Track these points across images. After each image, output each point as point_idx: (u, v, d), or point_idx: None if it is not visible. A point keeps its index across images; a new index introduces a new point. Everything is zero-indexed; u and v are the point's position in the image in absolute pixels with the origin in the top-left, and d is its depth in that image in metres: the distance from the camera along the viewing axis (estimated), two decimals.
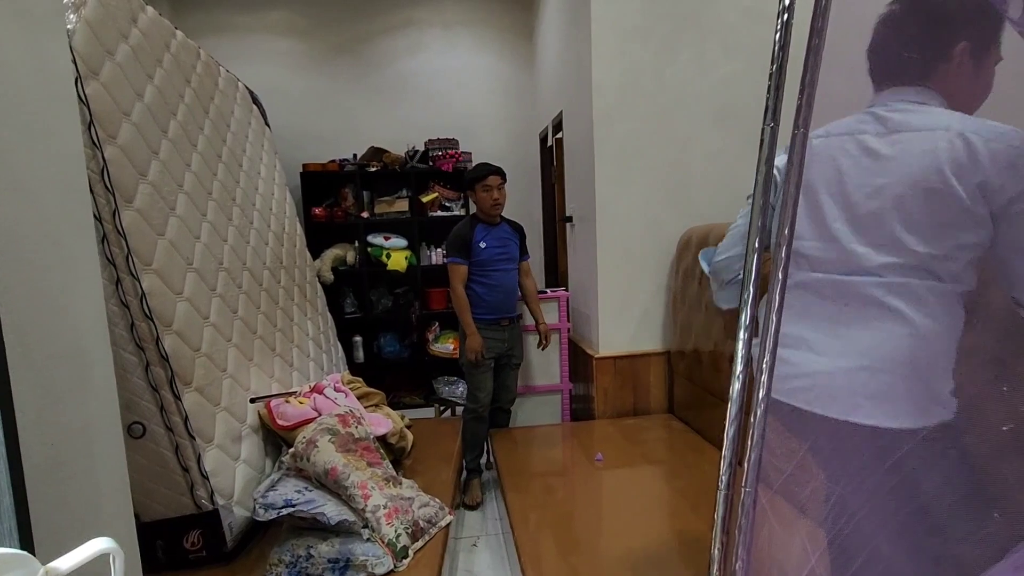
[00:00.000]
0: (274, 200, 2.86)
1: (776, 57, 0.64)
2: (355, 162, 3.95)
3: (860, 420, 0.82)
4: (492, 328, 2.63)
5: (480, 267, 2.60)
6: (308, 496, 1.65)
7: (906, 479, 0.76)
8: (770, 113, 0.65)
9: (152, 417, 1.58)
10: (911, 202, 0.84)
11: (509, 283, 2.68)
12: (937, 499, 0.72)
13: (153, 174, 1.74)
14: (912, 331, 0.82)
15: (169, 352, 1.60)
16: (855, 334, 0.87)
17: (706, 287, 2.41)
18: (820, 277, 0.93)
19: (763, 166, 0.65)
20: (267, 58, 3.96)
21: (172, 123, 1.96)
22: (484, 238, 2.60)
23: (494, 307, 2.63)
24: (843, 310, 0.89)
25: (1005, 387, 0.75)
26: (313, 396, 2.07)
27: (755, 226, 0.64)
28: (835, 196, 0.91)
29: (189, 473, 1.61)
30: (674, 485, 2.17)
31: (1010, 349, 0.78)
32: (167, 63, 2.02)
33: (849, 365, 0.86)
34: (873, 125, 0.91)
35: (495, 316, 2.64)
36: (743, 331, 0.64)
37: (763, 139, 0.66)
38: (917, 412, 0.80)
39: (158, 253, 1.67)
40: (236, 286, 2.14)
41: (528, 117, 4.27)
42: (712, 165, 2.74)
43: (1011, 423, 0.68)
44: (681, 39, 2.69)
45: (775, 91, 0.65)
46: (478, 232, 2.60)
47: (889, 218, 0.85)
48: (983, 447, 0.74)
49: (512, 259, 2.70)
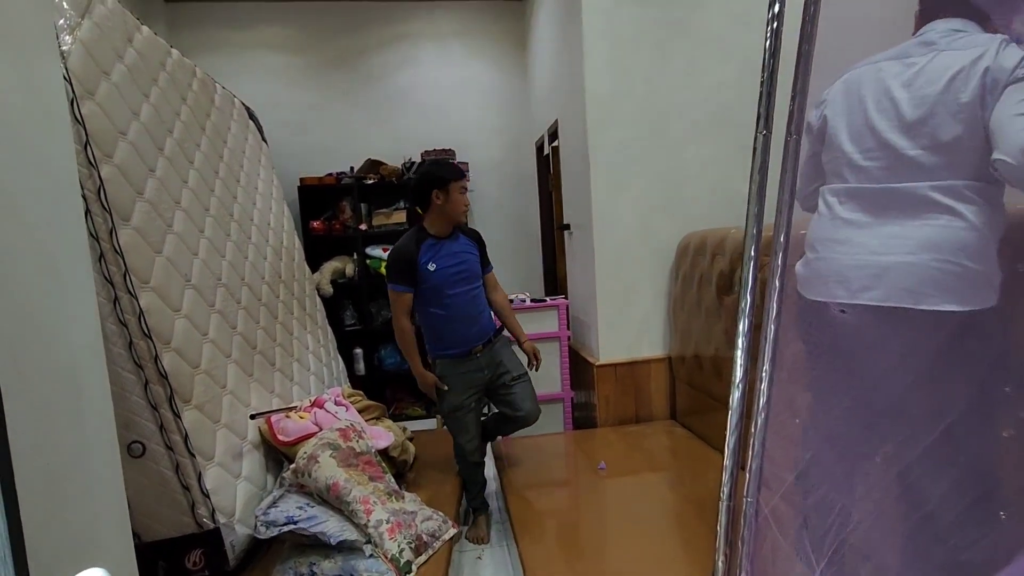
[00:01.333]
0: (272, 215, 2.86)
1: (767, 64, 0.64)
2: (352, 175, 3.96)
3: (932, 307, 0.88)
4: (463, 362, 2.15)
5: (434, 293, 2.08)
6: (310, 512, 1.64)
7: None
8: (762, 121, 0.65)
9: (152, 436, 1.58)
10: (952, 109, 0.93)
11: (474, 307, 2.17)
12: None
13: (150, 192, 1.74)
14: (966, 224, 0.91)
15: (168, 370, 1.59)
16: (913, 232, 0.94)
17: (706, 291, 2.41)
18: (874, 188, 1.00)
19: (756, 175, 0.65)
20: (263, 74, 3.98)
21: (168, 141, 1.96)
22: (433, 258, 2.06)
23: (460, 339, 2.14)
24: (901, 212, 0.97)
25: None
26: (314, 411, 2.06)
27: (750, 234, 0.64)
28: (885, 112, 0.99)
29: (190, 492, 1.60)
30: (679, 492, 2.15)
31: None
32: (163, 81, 2.04)
33: (914, 259, 0.93)
34: (919, 48, 1.01)
35: (463, 349, 2.14)
36: (741, 338, 0.63)
37: (756, 147, 0.66)
38: (978, 297, 0.89)
39: (156, 271, 1.67)
40: (235, 301, 2.14)
41: (523, 126, 4.29)
42: (706, 171, 2.75)
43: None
44: (672, 47, 2.70)
45: (767, 98, 0.66)
46: (425, 251, 2.06)
47: (935, 124, 0.94)
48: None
49: (474, 276, 2.18)
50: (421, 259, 2.05)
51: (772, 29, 0.65)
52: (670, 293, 2.82)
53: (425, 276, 2.05)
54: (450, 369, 2.15)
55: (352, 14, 4.06)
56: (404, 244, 2.06)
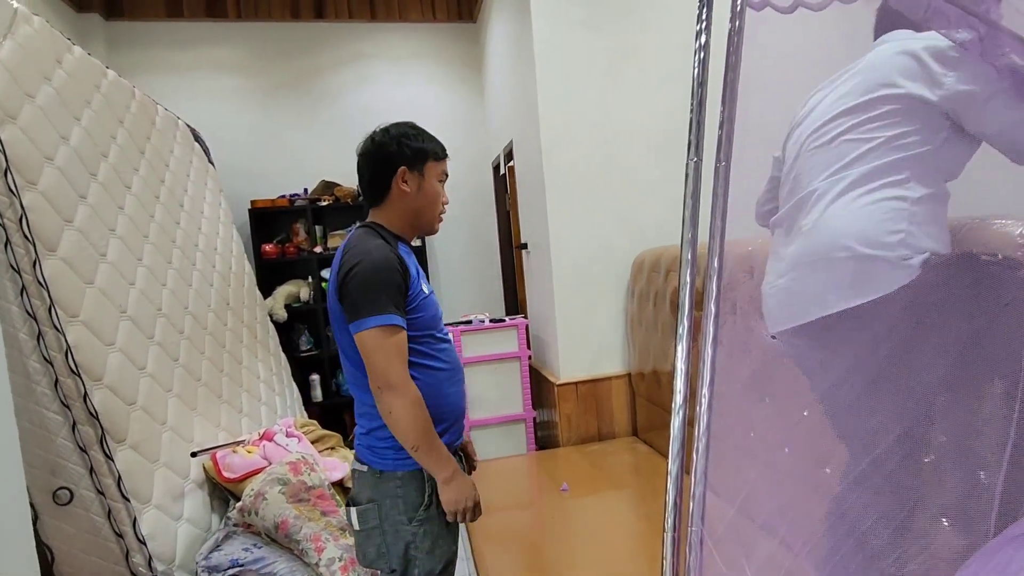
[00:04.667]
0: (219, 239, 2.77)
1: (695, 93, 0.66)
2: (306, 197, 3.88)
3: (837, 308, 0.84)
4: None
5: (427, 333, 1.23)
6: (257, 554, 1.55)
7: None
8: (693, 148, 0.66)
9: (80, 480, 1.47)
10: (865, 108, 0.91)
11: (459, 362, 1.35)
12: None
13: (80, 220, 1.65)
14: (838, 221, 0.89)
15: (99, 408, 1.49)
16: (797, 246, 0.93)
17: (661, 308, 2.44)
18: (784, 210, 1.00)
19: (689, 200, 0.65)
20: (211, 95, 3.88)
21: (103, 165, 1.87)
22: (420, 275, 1.26)
23: (456, 413, 1.30)
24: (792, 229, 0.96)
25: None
26: (262, 444, 1.97)
27: (685, 259, 0.64)
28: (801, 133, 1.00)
29: (124, 539, 1.49)
30: (640, 511, 2.15)
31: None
32: (97, 103, 1.95)
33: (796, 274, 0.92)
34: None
35: (457, 436, 1.33)
36: (680, 363, 0.63)
37: (687, 174, 0.66)
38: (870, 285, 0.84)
39: (86, 303, 1.57)
40: (177, 332, 2.04)
41: (480, 146, 4.31)
42: (657, 192, 2.81)
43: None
44: (621, 72, 2.77)
45: (696, 127, 0.66)
46: (409, 260, 1.23)
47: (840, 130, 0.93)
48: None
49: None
50: (411, 274, 1.21)
51: (699, 59, 0.67)
52: (627, 310, 2.85)
53: (419, 304, 1.21)
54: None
55: (305, 35, 4.01)
56: (380, 249, 1.15)
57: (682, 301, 0.63)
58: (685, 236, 0.64)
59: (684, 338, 0.62)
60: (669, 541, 0.59)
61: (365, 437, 1.24)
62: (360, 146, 1.28)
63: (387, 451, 1.20)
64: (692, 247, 0.64)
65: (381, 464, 1.21)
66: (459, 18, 4.20)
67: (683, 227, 0.65)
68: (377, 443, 1.21)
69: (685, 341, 0.62)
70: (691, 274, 0.63)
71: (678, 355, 0.62)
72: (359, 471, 1.25)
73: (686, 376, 0.62)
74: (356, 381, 1.23)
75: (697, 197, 0.65)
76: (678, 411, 0.61)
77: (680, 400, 0.61)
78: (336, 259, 1.21)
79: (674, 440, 0.61)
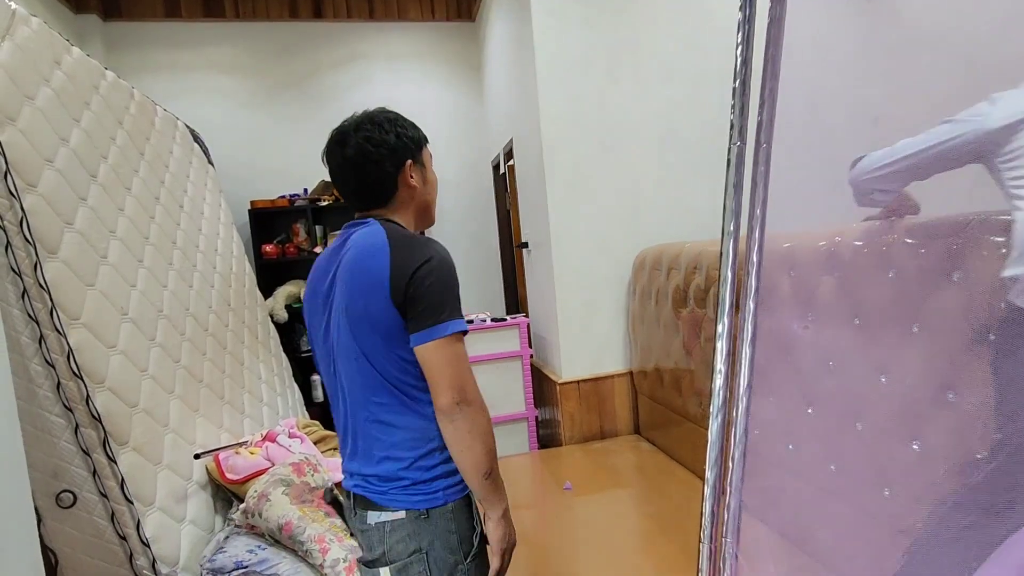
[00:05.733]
0: (219, 240, 2.76)
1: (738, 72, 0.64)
2: (306, 197, 3.87)
3: None
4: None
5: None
6: (261, 556, 1.55)
7: None
8: (736, 132, 0.64)
9: (84, 483, 1.46)
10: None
11: None
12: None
13: (81, 221, 1.64)
14: None
15: (101, 411, 1.48)
16: None
17: (663, 305, 2.44)
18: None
19: (731, 190, 0.64)
20: (210, 96, 3.87)
21: (102, 167, 1.86)
22: None
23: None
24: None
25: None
26: (265, 445, 1.96)
27: (726, 253, 0.63)
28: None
29: (127, 541, 1.49)
30: (644, 510, 2.15)
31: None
32: (96, 105, 1.94)
33: None
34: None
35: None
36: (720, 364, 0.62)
37: (729, 160, 0.65)
38: None
39: (88, 305, 1.56)
40: (178, 333, 2.03)
41: (480, 145, 4.30)
42: (659, 189, 2.80)
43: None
44: (622, 68, 2.77)
45: (740, 109, 0.64)
46: None
47: None
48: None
49: None
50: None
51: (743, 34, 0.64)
52: (629, 308, 2.85)
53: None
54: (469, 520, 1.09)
55: (303, 34, 4.00)
56: (440, 249, 1.03)
57: (722, 297, 0.61)
58: (726, 228, 0.62)
59: (724, 337, 0.61)
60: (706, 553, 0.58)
61: (405, 472, 1.00)
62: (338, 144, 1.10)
63: (436, 481, 1.02)
64: (733, 239, 0.62)
65: (429, 500, 1.01)
66: (458, 17, 4.19)
67: (724, 218, 0.63)
68: (423, 475, 1.01)
69: (725, 340, 0.61)
70: (732, 268, 0.61)
71: (717, 355, 0.61)
72: (389, 522, 1.00)
73: (725, 378, 0.60)
74: (389, 402, 1.00)
75: (740, 186, 0.63)
76: (716, 414, 0.60)
77: (720, 402, 0.60)
78: (367, 256, 0.98)
79: (712, 446, 0.60)
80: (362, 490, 1.05)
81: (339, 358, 1.06)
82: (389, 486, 1.02)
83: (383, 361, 1.00)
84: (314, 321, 1.13)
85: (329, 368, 1.11)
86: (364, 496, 1.04)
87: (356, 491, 1.06)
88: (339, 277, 1.04)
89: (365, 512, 1.04)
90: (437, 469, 1.03)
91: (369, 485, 1.04)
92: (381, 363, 1.00)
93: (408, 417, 1.01)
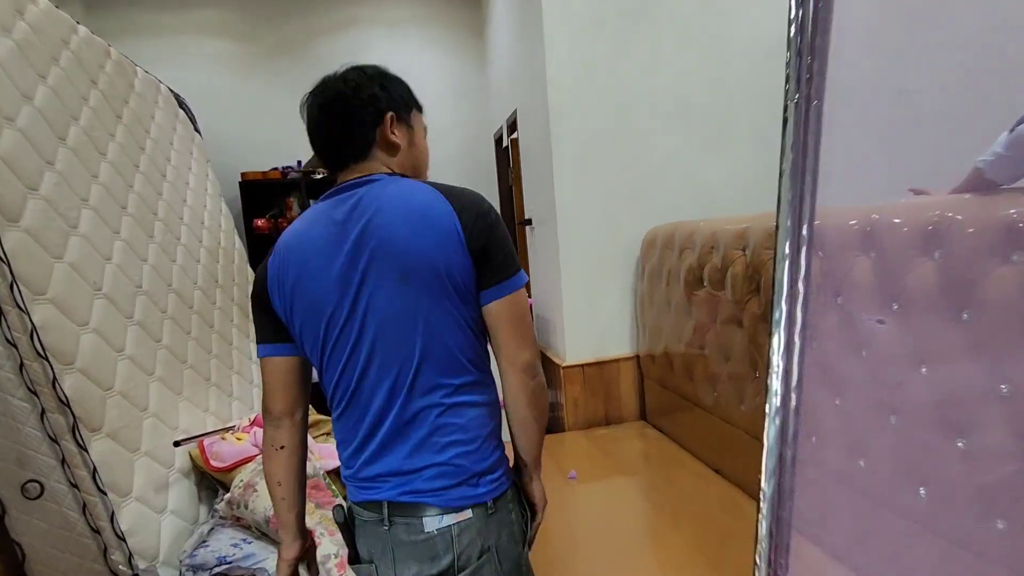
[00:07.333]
0: (206, 212, 2.61)
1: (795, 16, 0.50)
2: (300, 169, 3.71)
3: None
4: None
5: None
6: (247, 550, 1.45)
7: None
8: (794, 84, 0.50)
9: (51, 473, 1.35)
10: None
11: None
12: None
13: (47, 188, 1.50)
14: None
15: (70, 395, 1.36)
16: None
17: (674, 287, 2.31)
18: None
19: (790, 153, 0.50)
20: (198, 61, 3.67)
21: (73, 129, 1.71)
22: None
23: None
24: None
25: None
26: (253, 430, 1.85)
27: (784, 226, 0.50)
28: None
29: (101, 535, 1.38)
30: (653, 501, 2.05)
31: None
32: (66, 61, 1.78)
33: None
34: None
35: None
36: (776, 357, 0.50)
37: (787, 118, 0.51)
38: None
39: (55, 279, 1.43)
40: (160, 311, 1.91)
41: (481, 118, 4.12)
42: (672, 162, 2.65)
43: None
44: (634, 33, 2.59)
45: (796, 57, 0.51)
46: None
47: None
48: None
49: None
50: None
51: None
52: (636, 289, 2.72)
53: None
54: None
55: None
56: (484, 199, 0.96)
57: (779, 279, 0.49)
58: (784, 196, 0.49)
59: (782, 325, 0.48)
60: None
61: (470, 457, 0.87)
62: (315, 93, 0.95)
63: (498, 466, 0.90)
64: (793, 211, 0.49)
65: (494, 489, 0.89)
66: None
67: (780, 185, 0.50)
68: (485, 461, 0.88)
69: (783, 329, 0.48)
70: (792, 245, 0.49)
71: (774, 348, 0.49)
72: (456, 524, 0.86)
73: (785, 375, 0.48)
74: (466, 380, 0.88)
75: (801, 148, 0.50)
76: (774, 417, 0.48)
77: (778, 402, 0.48)
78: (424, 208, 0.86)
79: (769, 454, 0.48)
80: (409, 496, 0.87)
81: (380, 346, 0.86)
82: (449, 481, 0.86)
83: (457, 331, 0.86)
84: (313, 308, 0.89)
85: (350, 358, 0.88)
86: (414, 502, 0.87)
87: (402, 499, 0.87)
88: (371, 245, 0.85)
89: (417, 520, 0.86)
90: (497, 451, 0.92)
91: (419, 486, 0.87)
92: (455, 334, 0.86)
93: (477, 394, 0.89)
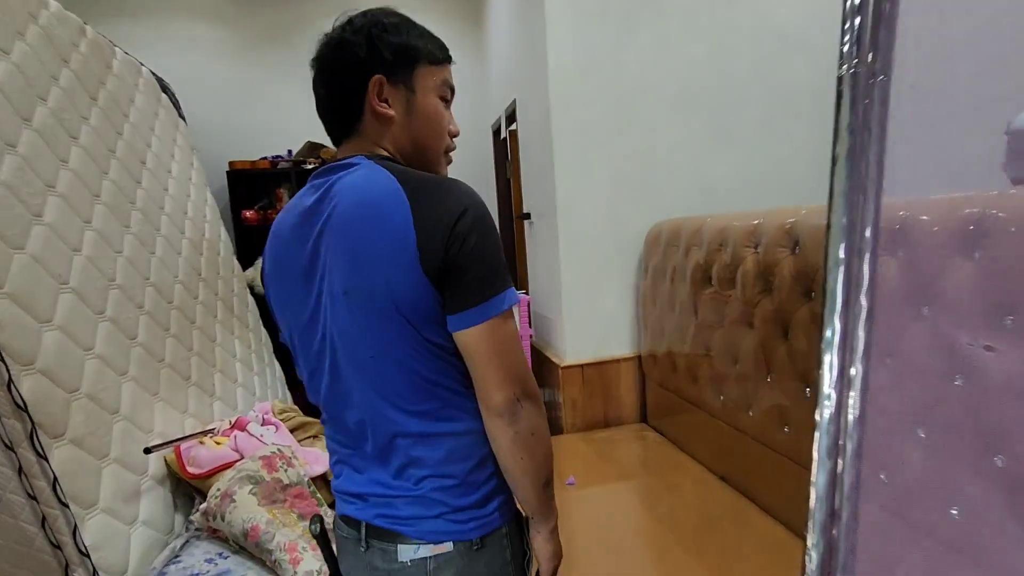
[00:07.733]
0: (190, 202, 2.49)
1: None
2: (290, 159, 3.59)
3: None
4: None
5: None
6: (222, 566, 1.34)
7: None
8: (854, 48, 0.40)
9: (7, 484, 1.24)
10: None
11: None
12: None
13: (7, 173, 1.38)
14: None
15: (28, 398, 1.25)
16: None
17: (679, 285, 2.21)
18: None
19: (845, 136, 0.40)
20: (184, 44, 3.53)
21: (40, 110, 1.59)
22: None
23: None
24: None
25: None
26: (234, 434, 1.75)
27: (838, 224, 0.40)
28: None
29: (62, 550, 1.27)
30: (655, 509, 1.96)
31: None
32: (33, 37, 1.65)
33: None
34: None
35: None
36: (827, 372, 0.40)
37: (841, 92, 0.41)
38: None
39: (13, 272, 1.31)
40: (135, 306, 1.79)
41: (479, 108, 4.01)
42: (677, 155, 2.55)
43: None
44: (639, 20, 2.48)
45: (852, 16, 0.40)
46: None
47: None
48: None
49: None
50: None
51: None
52: (638, 287, 2.62)
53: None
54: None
55: None
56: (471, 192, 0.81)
57: (831, 290, 0.39)
58: (837, 188, 0.39)
59: (834, 346, 0.38)
60: None
61: (451, 492, 0.77)
62: (316, 52, 0.83)
63: (490, 500, 0.80)
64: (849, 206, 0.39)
65: (483, 526, 0.78)
66: None
67: (833, 175, 0.40)
68: (473, 495, 0.78)
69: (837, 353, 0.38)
70: (848, 249, 0.39)
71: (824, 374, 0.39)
72: (432, 557, 0.77)
73: (838, 408, 0.38)
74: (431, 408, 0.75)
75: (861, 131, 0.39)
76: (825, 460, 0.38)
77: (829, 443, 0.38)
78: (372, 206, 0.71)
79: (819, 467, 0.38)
80: (385, 521, 0.78)
81: (342, 359, 0.76)
82: (435, 506, 0.76)
83: (413, 356, 0.72)
84: (289, 307, 0.81)
85: (321, 366, 0.80)
86: (390, 529, 0.78)
87: (377, 523, 0.78)
88: (327, 244, 0.74)
89: (392, 546, 0.77)
90: (490, 483, 0.79)
91: (396, 512, 0.77)
92: (411, 359, 0.72)
93: (457, 421, 0.76)
